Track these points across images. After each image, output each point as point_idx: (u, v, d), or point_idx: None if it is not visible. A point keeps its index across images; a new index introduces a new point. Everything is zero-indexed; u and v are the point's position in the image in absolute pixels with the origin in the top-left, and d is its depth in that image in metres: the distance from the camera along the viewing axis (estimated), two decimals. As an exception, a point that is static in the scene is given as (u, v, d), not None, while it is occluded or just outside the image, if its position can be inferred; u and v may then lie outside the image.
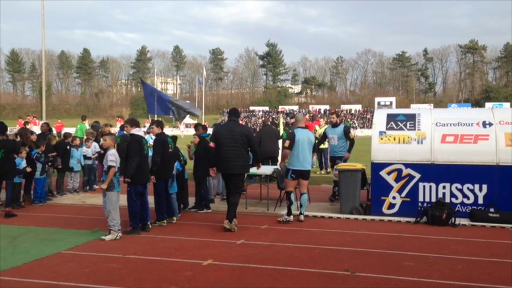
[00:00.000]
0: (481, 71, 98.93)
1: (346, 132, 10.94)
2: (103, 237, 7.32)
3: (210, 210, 9.66)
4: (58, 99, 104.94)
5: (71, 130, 16.79)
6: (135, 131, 7.98)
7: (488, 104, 66.81)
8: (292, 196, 8.81)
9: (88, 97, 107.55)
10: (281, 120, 21.51)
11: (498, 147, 8.67)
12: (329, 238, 7.55)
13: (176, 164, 8.95)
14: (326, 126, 14.99)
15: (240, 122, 8.68)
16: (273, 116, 66.61)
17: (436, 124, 9.16)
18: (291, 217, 8.74)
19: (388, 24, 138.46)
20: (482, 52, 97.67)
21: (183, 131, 56.89)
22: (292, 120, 14.58)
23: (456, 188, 8.81)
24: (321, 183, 13.84)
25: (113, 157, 7.44)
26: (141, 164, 7.75)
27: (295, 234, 7.84)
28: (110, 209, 7.40)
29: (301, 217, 8.84)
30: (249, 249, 6.87)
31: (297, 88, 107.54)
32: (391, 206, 9.02)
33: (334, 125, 11.23)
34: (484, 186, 8.69)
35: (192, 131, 11.44)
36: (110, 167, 7.39)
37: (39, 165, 10.52)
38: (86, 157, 12.73)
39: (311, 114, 67.43)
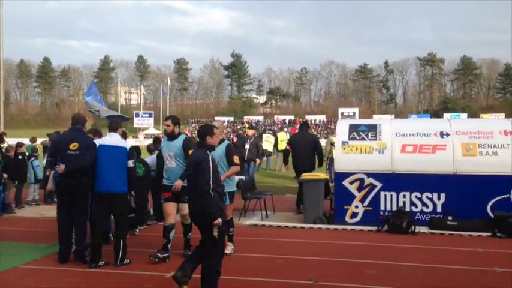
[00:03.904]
0: (439, 83, 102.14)
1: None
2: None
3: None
4: (17, 109, 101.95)
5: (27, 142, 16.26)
6: (97, 141, 7.80)
7: (446, 115, 68.83)
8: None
9: (48, 107, 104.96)
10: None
11: (455, 157, 8.93)
12: (293, 248, 7.57)
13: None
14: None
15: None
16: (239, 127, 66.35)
17: (396, 134, 9.36)
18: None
19: (351, 36, 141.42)
20: (440, 64, 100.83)
21: (141, 142, 55.58)
22: (251, 132, 14.17)
23: (416, 196, 9.00)
24: (285, 193, 13.89)
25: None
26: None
27: (259, 244, 7.83)
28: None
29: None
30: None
31: (262, 98, 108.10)
32: (354, 215, 9.13)
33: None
34: (443, 195, 8.92)
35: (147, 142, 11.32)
36: None
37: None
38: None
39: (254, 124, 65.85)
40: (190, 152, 6.33)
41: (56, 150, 6.71)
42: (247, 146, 13.68)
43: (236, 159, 6.84)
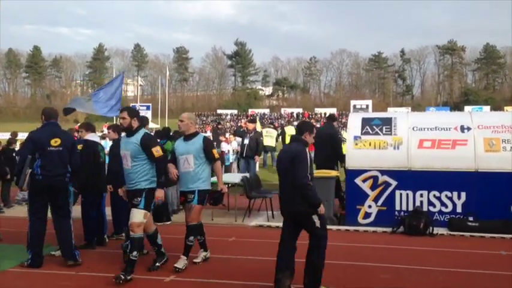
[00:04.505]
0: (459, 73, 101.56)
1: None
2: (53, 253, 7.14)
3: (169, 222, 9.61)
4: (5, 102, 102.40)
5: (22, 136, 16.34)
6: (90, 136, 7.87)
7: (467, 108, 68.47)
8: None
9: (39, 99, 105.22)
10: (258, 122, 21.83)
11: (477, 153, 8.92)
12: (302, 250, 7.57)
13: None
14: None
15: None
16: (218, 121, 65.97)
17: (413, 128, 9.35)
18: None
19: (364, 22, 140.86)
20: (461, 53, 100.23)
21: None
22: (252, 126, 13.96)
23: (434, 195, 9.00)
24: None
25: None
26: (96, 172, 7.65)
27: (266, 246, 7.84)
28: None
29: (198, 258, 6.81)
30: (214, 263, 6.85)
31: (268, 90, 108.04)
32: (367, 215, 9.14)
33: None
34: (463, 194, 8.91)
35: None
36: None
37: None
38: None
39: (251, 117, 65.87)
40: (153, 149, 5.97)
41: (37, 147, 6.61)
42: (246, 141, 13.44)
43: (216, 153, 6.64)
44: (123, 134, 6.50)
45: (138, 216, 5.99)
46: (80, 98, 12.99)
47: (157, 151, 6.02)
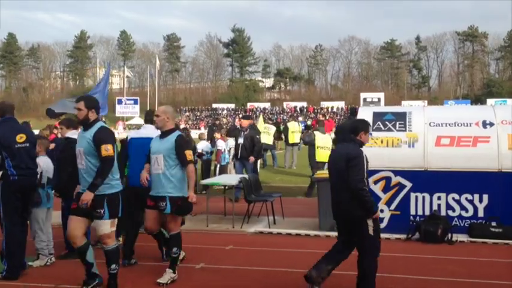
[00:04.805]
0: (481, 62, 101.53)
1: None
2: (30, 263, 7.14)
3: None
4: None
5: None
6: (72, 133, 7.82)
7: (490, 101, 68.56)
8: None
9: (14, 92, 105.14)
10: (261, 118, 22.08)
11: (500, 151, 8.91)
12: (306, 260, 7.57)
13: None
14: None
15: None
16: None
17: (430, 124, 9.35)
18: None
19: (375, 7, 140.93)
20: (483, 40, 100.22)
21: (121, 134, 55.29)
22: (246, 123, 13.62)
23: (453, 198, 9.00)
24: (297, 194, 13.93)
25: (43, 166, 7.30)
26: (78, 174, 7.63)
27: (266, 255, 7.86)
28: (37, 229, 7.25)
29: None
30: (210, 274, 6.85)
31: (269, 82, 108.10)
32: (379, 220, 9.13)
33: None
34: (485, 197, 8.91)
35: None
36: None
37: None
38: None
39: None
40: (102, 146, 5.74)
41: (3, 145, 6.58)
42: (240, 141, 13.15)
43: (190, 154, 6.40)
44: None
45: (105, 227, 5.87)
46: (65, 100, 13.14)
47: (106, 149, 5.76)
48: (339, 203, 5.81)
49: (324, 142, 13.83)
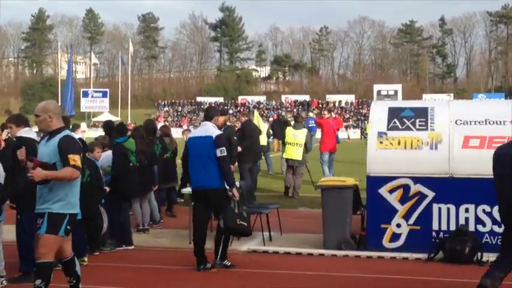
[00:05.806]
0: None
1: None
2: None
3: (131, 247, 9.58)
4: None
5: None
6: (24, 132, 7.79)
7: (527, 95, 69.03)
8: None
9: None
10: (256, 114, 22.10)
11: (540, 154, 8.95)
12: (307, 284, 7.60)
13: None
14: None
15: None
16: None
17: (456, 122, 9.37)
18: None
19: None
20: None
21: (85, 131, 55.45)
22: (221, 119, 13.44)
23: (483, 211, 9.01)
24: (298, 206, 13.93)
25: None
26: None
27: (259, 278, 7.87)
28: None
29: None
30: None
31: (265, 71, 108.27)
32: (395, 237, 9.16)
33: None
34: (521, 209, 8.95)
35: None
36: None
37: None
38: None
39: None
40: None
41: None
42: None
43: (73, 159, 5.92)
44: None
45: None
46: None
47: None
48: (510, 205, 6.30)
49: (295, 139, 14.89)
